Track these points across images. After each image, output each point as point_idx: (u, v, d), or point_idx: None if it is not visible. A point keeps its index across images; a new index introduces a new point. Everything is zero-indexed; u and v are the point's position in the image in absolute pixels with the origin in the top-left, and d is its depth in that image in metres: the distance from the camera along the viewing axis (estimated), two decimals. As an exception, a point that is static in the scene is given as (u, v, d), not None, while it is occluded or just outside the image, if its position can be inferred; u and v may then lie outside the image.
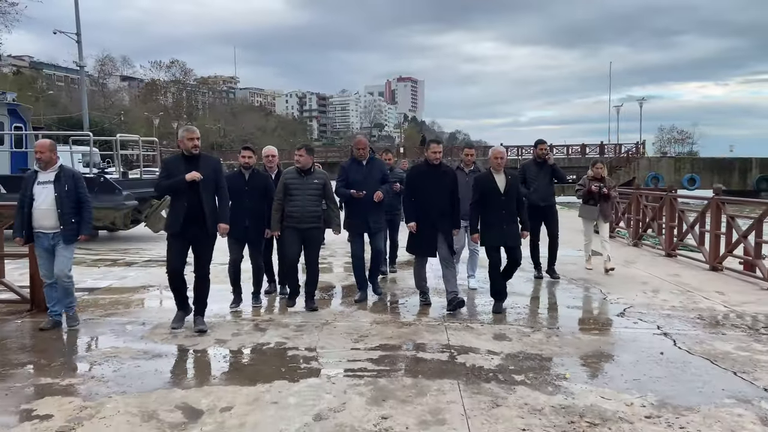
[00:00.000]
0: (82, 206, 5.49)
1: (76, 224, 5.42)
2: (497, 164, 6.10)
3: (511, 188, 6.05)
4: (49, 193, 5.32)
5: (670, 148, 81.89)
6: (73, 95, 75.57)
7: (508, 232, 6.00)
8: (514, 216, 6.09)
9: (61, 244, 5.39)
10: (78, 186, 5.46)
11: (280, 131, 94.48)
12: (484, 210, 6.02)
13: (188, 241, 5.31)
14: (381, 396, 3.87)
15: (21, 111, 13.65)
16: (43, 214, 5.34)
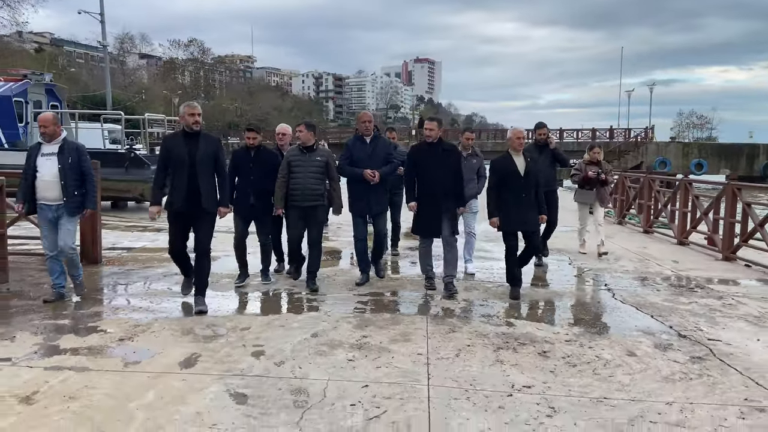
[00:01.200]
0: (86, 179, 5.51)
1: (79, 197, 5.46)
2: (519, 144, 5.89)
3: (531, 171, 5.83)
4: (52, 165, 5.34)
5: (689, 133, 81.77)
6: (94, 72, 76.94)
7: (527, 217, 5.78)
8: (534, 200, 5.85)
9: (64, 217, 5.43)
10: (82, 159, 5.48)
11: (297, 111, 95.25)
12: (503, 193, 5.81)
13: (187, 219, 5.28)
14: (364, 324, 4.99)
15: (57, 91, 14.90)
16: (47, 185, 5.36)
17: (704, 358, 4.33)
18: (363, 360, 4.14)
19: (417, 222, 6.00)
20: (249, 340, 4.53)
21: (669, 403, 3.53)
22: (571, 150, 38.66)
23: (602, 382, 3.83)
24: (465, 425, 3.19)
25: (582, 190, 8.27)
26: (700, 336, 4.82)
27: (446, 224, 5.89)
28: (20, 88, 13.87)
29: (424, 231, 6.01)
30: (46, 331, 4.72)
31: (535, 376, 3.91)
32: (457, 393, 3.61)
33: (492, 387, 3.71)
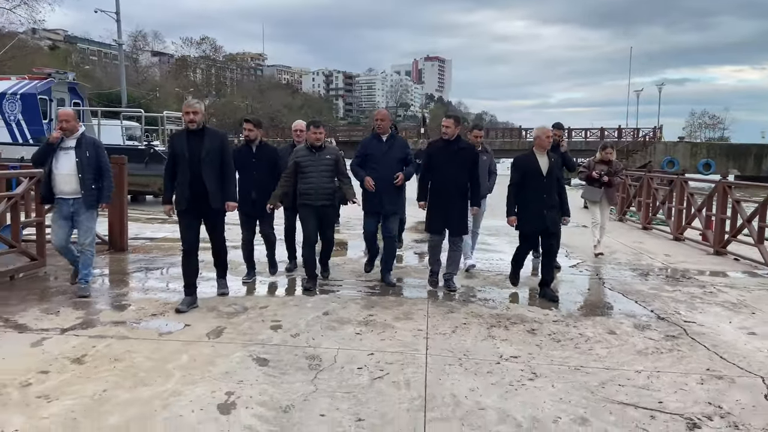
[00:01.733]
0: (103, 174, 5.64)
1: (96, 191, 5.57)
2: (548, 143, 5.81)
3: (554, 170, 5.76)
4: (70, 159, 5.46)
5: (701, 133, 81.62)
6: (107, 69, 77.84)
7: (548, 217, 5.67)
8: (555, 200, 5.77)
9: (82, 211, 5.55)
10: (99, 154, 5.61)
11: (307, 109, 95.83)
12: (524, 192, 5.74)
13: (197, 216, 5.26)
14: (371, 305, 5.50)
15: (79, 89, 15.56)
16: (64, 179, 5.47)
17: (677, 336, 4.79)
18: (369, 334, 4.65)
19: (429, 219, 6.01)
20: (267, 317, 5.05)
21: (638, 371, 4.01)
22: (579, 149, 39.01)
23: (581, 354, 4.31)
24: (456, 385, 3.69)
25: (590, 187, 8.19)
26: (677, 318, 5.28)
27: (455, 222, 5.90)
28: (45, 86, 14.52)
29: (435, 228, 6.00)
30: (85, 307, 5.27)
31: (522, 348, 4.40)
32: (452, 360, 4.11)
33: (483, 356, 4.21)
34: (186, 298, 5.25)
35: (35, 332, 4.50)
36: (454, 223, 5.89)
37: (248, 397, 3.43)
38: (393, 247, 6.38)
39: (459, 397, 3.51)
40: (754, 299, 6.07)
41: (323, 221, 6.11)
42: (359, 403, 3.38)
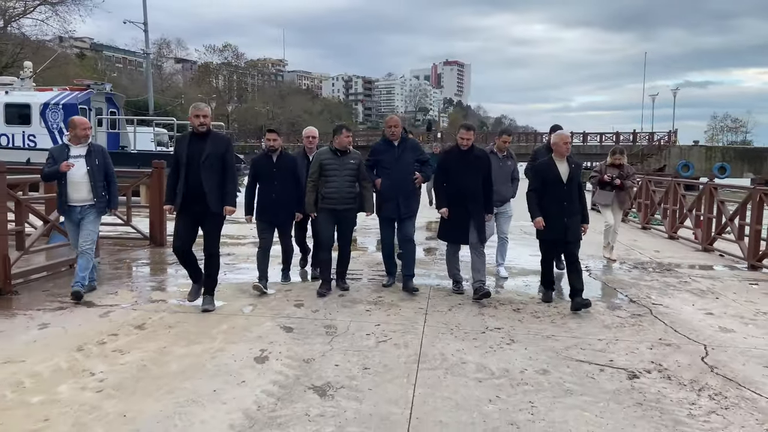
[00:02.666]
0: (110, 181, 5.78)
1: (105, 197, 5.74)
2: (566, 150, 5.71)
3: (574, 177, 5.66)
4: (81, 167, 5.56)
5: (723, 136, 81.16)
6: (132, 77, 79.87)
7: (568, 225, 5.58)
8: (576, 207, 5.66)
9: (90, 216, 5.68)
10: (107, 161, 5.76)
11: (326, 114, 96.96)
12: (544, 199, 5.66)
13: (194, 219, 5.28)
14: (380, 289, 6.33)
15: (115, 99, 16.70)
16: (76, 187, 5.57)
17: (642, 315, 5.57)
18: (377, 311, 5.50)
19: (444, 228, 6.00)
20: (291, 297, 5.93)
21: (600, 339, 4.80)
22: (594, 153, 39.43)
23: (555, 327, 5.11)
24: (446, 347, 4.52)
25: (601, 192, 8.11)
26: (647, 302, 6.04)
27: (474, 231, 5.86)
28: (84, 97, 15.69)
29: (451, 237, 6.01)
30: (137, 289, 6.21)
31: (506, 322, 5.22)
32: (444, 330, 4.94)
33: (471, 328, 5.03)
34: (195, 287, 5.51)
35: (101, 307, 5.44)
36: (472, 232, 5.85)
37: (278, 352, 4.30)
38: (412, 250, 6.33)
39: (446, 355, 4.34)
40: (723, 288, 6.80)
41: (342, 225, 6.07)
42: (366, 358, 4.24)
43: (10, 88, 16.66)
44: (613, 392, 3.74)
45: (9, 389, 3.56)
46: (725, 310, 5.84)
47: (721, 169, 37.99)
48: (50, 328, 4.80)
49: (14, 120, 15.92)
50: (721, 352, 4.55)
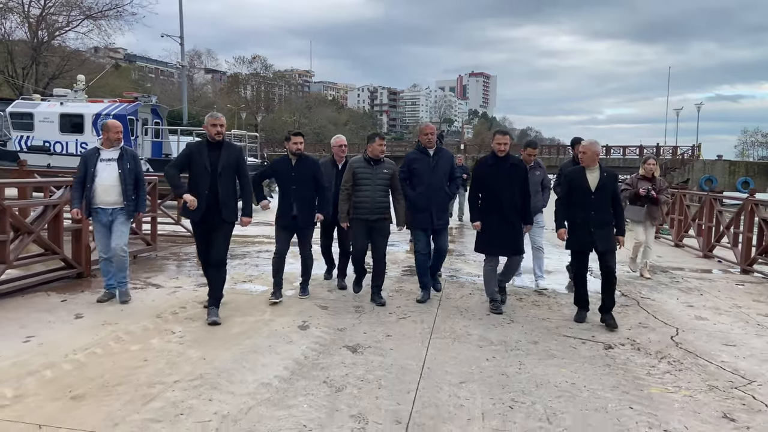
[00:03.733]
0: (139, 185, 5.85)
1: (134, 201, 5.80)
2: (589, 161, 5.50)
3: (604, 187, 5.45)
4: (113, 170, 5.64)
5: (753, 151, 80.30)
6: (165, 87, 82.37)
7: (596, 236, 5.40)
8: (606, 218, 5.47)
9: (120, 219, 5.74)
10: (137, 166, 5.86)
11: (351, 125, 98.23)
12: (571, 209, 5.53)
13: (210, 229, 5.28)
14: (402, 282, 7.27)
15: (160, 110, 18.03)
16: (106, 190, 5.63)
17: (629, 305, 6.40)
18: (398, 297, 6.43)
19: (481, 239, 5.86)
20: (324, 285, 6.90)
21: (587, 322, 5.66)
22: (617, 166, 39.85)
23: (551, 312, 5.99)
24: (455, 324, 5.42)
25: (632, 207, 7.75)
26: (636, 296, 6.86)
27: (511, 242, 5.76)
28: (133, 108, 17.05)
29: (488, 249, 5.85)
30: (194, 276, 7.25)
31: (508, 307, 6.10)
32: (455, 312, 5.85)
33: (477, 311, 5.93)
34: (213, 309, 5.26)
35: (168, 288, 6.49)
36: (509, 244, 5.77)
37: (317, 323, 5.27)
38: (443, 258, 6.55)
39: (455, 329, 5.26)
40: (710, 287, 7.57)
41: (375, 235, 5.98)
42: (388, 329, 5.18)
43: (65, 100, 18.16)
44: (589, 357, 4.62)
45: (112, 341, 4.59)
46: (705, 303, 6.63)
47: (745, 183, 38.06)
48: (130, 301, 5.84)
49: (68, 129, 17.37)
50: (689, 333, 5.37)
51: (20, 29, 32.27)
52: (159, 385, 3.73)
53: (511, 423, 3.40)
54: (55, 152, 17.12)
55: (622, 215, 5.71)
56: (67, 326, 4.97)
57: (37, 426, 3.15)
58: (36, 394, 3.56)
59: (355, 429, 3.24)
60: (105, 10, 33.09)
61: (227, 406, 3.45)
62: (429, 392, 3.79)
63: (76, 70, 26.82)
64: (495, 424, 3.37)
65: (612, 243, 5.53)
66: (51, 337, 4.66)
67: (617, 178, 5.78)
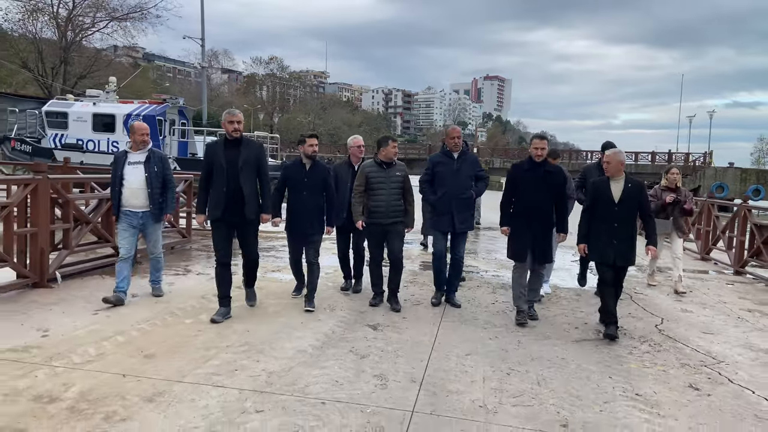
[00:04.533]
0: (168, 187, 5.82)
1: (161, 204, 5.77)
2: (613, 170, 5.37)
3: (629, 198, 5.30)
4: (140, 173, 5.61)
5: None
6: (183, 87, 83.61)
7: (618, 249, 5.26)
8: (629, 231, 5.36)
9: (151, 225, 5.81)
10: (165, 168, 5.79)
11: (365, 126, 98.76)
12: (594, 219, 5.41)
13: (231, 227, 5.25)
14: (417, 274, 7.97)
15: (186, 112, 18.93)
16: (134, 193, 5.62)
17: (622, 299, 6.97)
18: (412, 287, 7.13)
19: (513, 245, 5.76)
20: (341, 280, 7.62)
21: (582, 311, 6.32)
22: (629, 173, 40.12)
23: (551, 304, 6.64)
24: (463, 310, 6.10)
25: (657, 219, 7.01)
26: (630, 291, 7.49)
27: (541, 250, 5.68)
28: (161, 110, 17.97)
29: (519, 255, 5.72)
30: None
31: (511, 298, 6.77)
32: (463, 300, 6.51)
33: (484, 300, 6.61)
34: (221, 309, 5.31)
35: (206, 275, 7.24)
36: (539, 251, 5.67)
37: (341, 306, 5.99)
38: (461, 265, 6.38)
39: (463, 314, 5.94)
40: (701, 285, 8.19)
41: (391, 239, 5.93)
42: (404, 312, 5.87)
43: (97, 100, 19.12)
44: (579, 339, 5.29)
45: (168, 316, 5.35)
46: (693, 299, 7.25)
47: (756, 191, 38.26)
48: (176, 285, 6.61)
49: (100, 128, 18.34)
50: (672, 323, 6.02)
51: (49, 29, 33.46)
52: (214, 349, 4.47)
53: (507, 384, 4.09)
54: (87, 150, 18.08)
55: (653, 226, 5.58)
56: (126, 302, 5.72)
57: (121, 375, 3.90)
58: (114, 353, 4.31)
59: (378, 385, 3.95)
60: (130, 13, 34.16)
61: (272, 366, 4.18)
62: (439, 361, 4.49)
63: (103, 70, 27.84)
64: (494, 385, 4.06)
65: (631, 259, 5.38)
66: (114, 311, 5.43)
67: (644, 188, 5.61)
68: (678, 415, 3.75)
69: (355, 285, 6.78)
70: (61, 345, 4.44)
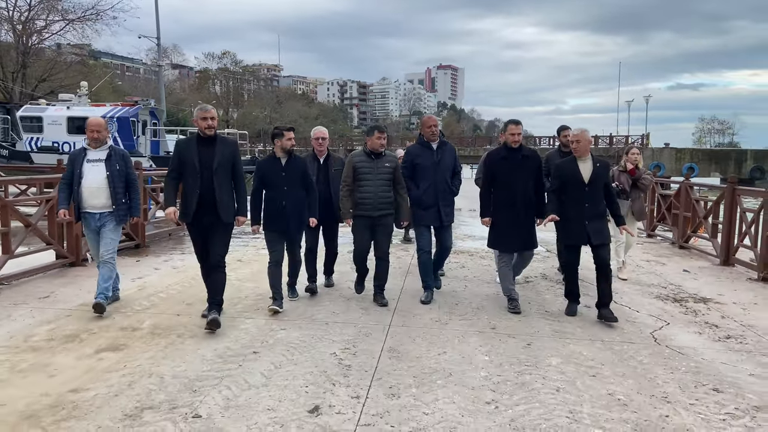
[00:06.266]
0: (131, 187, 5.44)
1: (125, 205, 5.41)
2: (573, 149, 5.40)
3: (598, 178, 5.33)
4: (100, 172, 5.23)
5: (710, 138, 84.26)
6: (134, 84, 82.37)
7: (590, 229, 5.28)
8: (600, 210, 5.39)
9: (110, 225, 5.36)
10: (128, 166, 5.41)
11: (322, 119, 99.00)
12: (564, 201, 5.40)
13: (204, 229, 4.97)
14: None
15: (157, 112, 19.98)
16: (93, 192, 5.25)
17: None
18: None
19: (495, 235, 5.71)
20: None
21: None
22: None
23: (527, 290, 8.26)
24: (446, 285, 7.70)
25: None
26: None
27: (524, 237, 5.64)
28: (134, 111, 18.98)
29: (503, 245, 5.70)
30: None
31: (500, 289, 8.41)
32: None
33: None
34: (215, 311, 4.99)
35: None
36: (523, 238, 5.64)
37: (346, 282, 7.48)
38: (445, 256, 6.43)
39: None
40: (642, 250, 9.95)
41: (378, 232, 5.74)
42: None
43: (71, 104, 19.93)
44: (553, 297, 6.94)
45: (191, 280, 6.73)
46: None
47: (690, 169, 41.41)
48: (183, 263, 7.99)
49: (75, 130, 19.17)
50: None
51: (8, 34, 33.25)
52: (236, 299, 5.92)
53: (455, 310, 5.69)
54: (63, 152, 18.89)
55: (617, 205, 5.64)
56: (153, 274, 7.11)
57: (175, 315, 5.33)
58: (162, 303, 5.73)
59: (363, 313, 5.51)
60: (84, 15, 34.25)
61: (286, 305, 5.65)
62: (406, 299, 6.07)
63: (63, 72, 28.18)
64: (446, 309, 5.67)
65: (606, 236, 5.42)
66: (148, 279, 6.84)
67: (609, 168, 5.73)
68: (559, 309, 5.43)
69: (327, 280, 6.64)
70: (121, 300, 5.83)
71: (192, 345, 4.58)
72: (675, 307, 6.05)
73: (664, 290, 6.74)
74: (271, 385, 3.85)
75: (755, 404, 3.69)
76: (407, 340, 4.80)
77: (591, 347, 4.73)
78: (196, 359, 4.28)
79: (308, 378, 3.97)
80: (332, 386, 3.85)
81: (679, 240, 9.94)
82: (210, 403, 3.55)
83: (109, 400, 3.58)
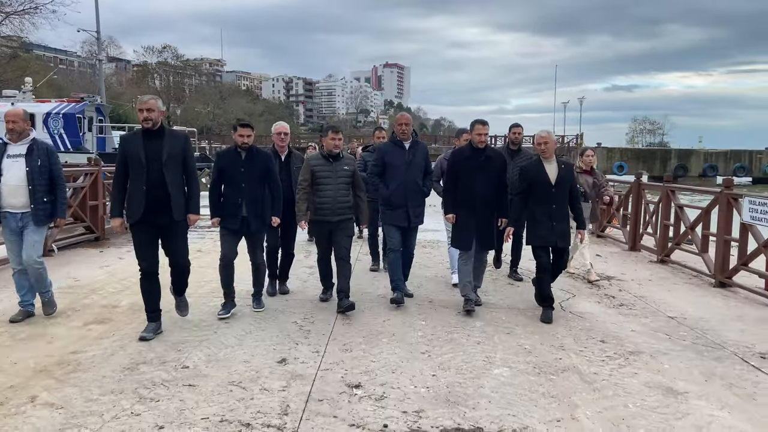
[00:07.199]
0: (56, 185, 5.01)
1: (48, 204, 4.95)
2: (542, 151, 5.44)
3: (564, 180, 5.40)
4: (19, 168, 4.84)
5: (642, 138, 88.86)
6: (69, 77, 79.44)
7: (557, 230, 5.35)
8: (565, 212, 5.45)
9: (30, 226, 4.91)
10: (52, 161, 4.98)
11: (268, 115, 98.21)
12: (531, 203, 5.44)
13: (155, 230, 4.65)
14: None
15: (103, 108, 19.96)
16: (12, 190, 4.85)
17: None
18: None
19: (458, 234, 5.70)
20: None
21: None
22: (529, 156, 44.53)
23: (491, 284, 9.18)
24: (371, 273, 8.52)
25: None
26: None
27: (486, 237, 5.64)
28: (81, 108, 18.92)
29: (466, 244, 5.64)
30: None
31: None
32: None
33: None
34: (151, 325, 4.78)
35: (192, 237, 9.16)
36: (483, 238, 5.63)
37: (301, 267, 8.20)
38: (410, 261, 6.27)
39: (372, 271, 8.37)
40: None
41: (338, 237, 5.58)
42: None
43: (15, 100, 19.58)
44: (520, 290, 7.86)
45: (157, 267, 7.33)
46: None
47: (620, 167, 44.10)
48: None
49: (19, 126, 18.84)
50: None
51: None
52: (202, 282, 6.58)
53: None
54: (6, 148, 18.61)
55: (581, 209, 5.70)
56: (119, 262, 7.66)
57: (150, 295, 5.95)
58: (135, 286, 6.18)
59: (319, 291, 6.23)
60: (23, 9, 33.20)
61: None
62: (356, 282, 6.89)
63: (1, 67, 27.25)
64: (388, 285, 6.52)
65: (568, 239, 5.53)
66: (115, 267, 7.42)
67: (573, 169, 5.78)
68: (497, 297, 6.39)
69: (281, 287, 6.34)
70: (95, 284, 6.37)
71: (169, 319, 5.22)
72: (583, 283, 7.15)
73: (577, 271, 7.82)
74: (244, 345, 4.62)
75: (630, 350, 4.72)
76: (357, 311, 5.60)
77: (509, 313, 5.74)
78: (176, 329, 4.99)
79: (275, 339, 4.76)
80: (296, 345, 4.65)
81: (597, 230, 11.15)
82: (194, 359, 4.29)
83: (106, 358, 4.26)
